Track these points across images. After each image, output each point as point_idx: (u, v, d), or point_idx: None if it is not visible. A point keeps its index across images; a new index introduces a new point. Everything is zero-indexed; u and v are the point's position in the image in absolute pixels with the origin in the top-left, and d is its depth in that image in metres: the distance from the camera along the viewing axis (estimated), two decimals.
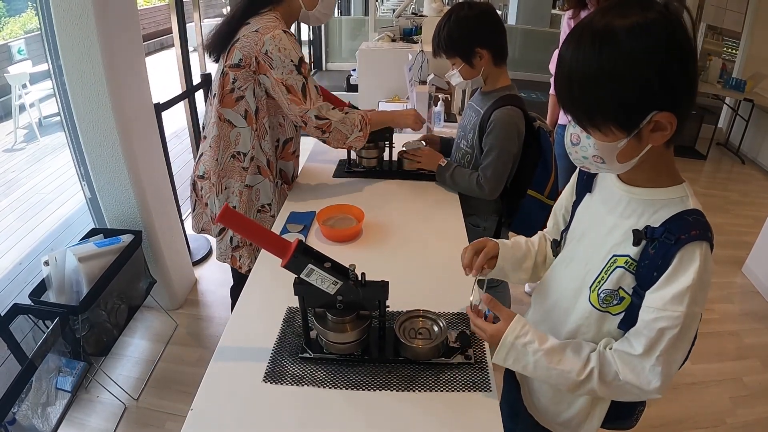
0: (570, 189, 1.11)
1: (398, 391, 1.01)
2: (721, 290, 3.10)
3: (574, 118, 0.83)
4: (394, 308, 1.11)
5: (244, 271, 1.82)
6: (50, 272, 2.02)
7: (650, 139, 0.78)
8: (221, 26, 1.66)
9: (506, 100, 1.68)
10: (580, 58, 0.76)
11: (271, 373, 1.04)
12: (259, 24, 1.59)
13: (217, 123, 1.68)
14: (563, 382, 0.92)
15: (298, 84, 1.60)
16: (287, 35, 1.59)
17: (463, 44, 1.67)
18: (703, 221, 0.82)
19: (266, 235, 0.96)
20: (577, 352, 0.92)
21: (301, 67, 1.60)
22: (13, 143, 4.46)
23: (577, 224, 1.03)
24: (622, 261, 0.88)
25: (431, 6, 4.09)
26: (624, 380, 0.86)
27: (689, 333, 0.83)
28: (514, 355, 0.94)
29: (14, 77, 4.47)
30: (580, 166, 0.90)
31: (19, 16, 5.65)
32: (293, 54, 1.58)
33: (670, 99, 0.75)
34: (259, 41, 1.56)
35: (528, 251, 1.17)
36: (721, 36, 5.56)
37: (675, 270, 0.80)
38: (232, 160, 1.71)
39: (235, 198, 1.75)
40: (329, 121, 1.65)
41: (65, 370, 1.87)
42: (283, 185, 1.87)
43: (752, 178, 4.89)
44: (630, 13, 0.73)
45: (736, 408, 2.24)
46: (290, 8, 1.69)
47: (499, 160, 1.69)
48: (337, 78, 6.89)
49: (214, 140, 1.70)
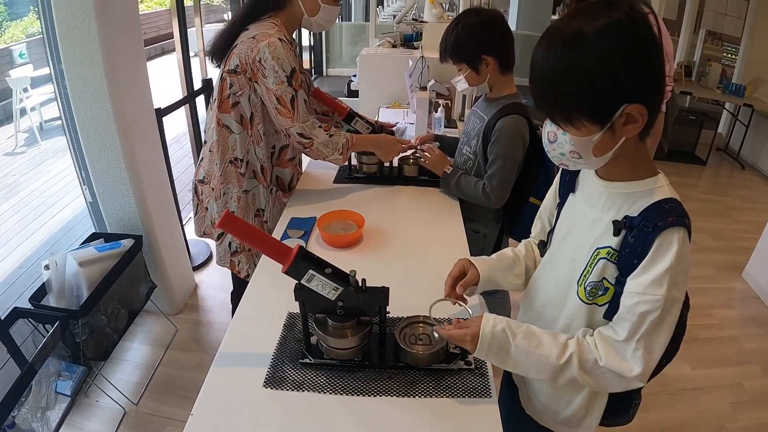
0: (553, 192, 1.15)
1: (398, 396, 1.01)
2: (721, 295, 3.10)
3: (549, 116, 0.87)
4: (395, 314, 1.11)
5: (242, 276, 1.83)
6: (50, 276, 2.02)
7: (623, 132, 0.82)
8: (223, 32, 1.66)
9: (511, 109, 1.68)
10: (551, 59, 0.81)
11: (271, 378, 1.04)
12: (257, 30, 1.59)
13: (217, 128, 1.69)
14: (544, 369, 0.93)
15: (287, 95, 1.59)
16: (283, 44, 1.57)
17: (469, 51, 1.67)
18: (680, 208, 0.85)
19: (267, 241, 0.97)
20: (553, 337, 0.94)
21: (293, 79, 1.59)
22: (13, 147, 4.46)
23: (562, 224, 1.05)
24: (604, 252, 0.91)
25: (432, 12, 4.10)
26: (605, 366, 0.88)
27: (670, 318, 0.85)
28: (496, 344, 0.95)
29: (15, 81, 4.48)
30: (558, 163, 0.93)
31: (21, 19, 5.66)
32: (286, 64, 1.57)
33: (639, 91, 0.79)
34: (255, 48, 1.56)
35: (516, 258, 1.19)
36: (721, 41, 5.58)
37: (654, 255, 0.83)
38: (231, 165, 1.73)
39: (233, 203, 1.76)
40: (312, 141, 1.67)
41: (65, 374, 1.87)
42: (279, 192, 1.86)
43: (752, 183, 4.89)
44: (597, 16, 0.78)
45: (737, 413, 2.24)
46: (292, 15, 1.68)
47: (504, 168, 1.69)
48: (337, 83, 6.91)
49: (214, 145, 1.71)
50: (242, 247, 1.82)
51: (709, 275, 3.28)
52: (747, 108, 4.94)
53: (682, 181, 4.68)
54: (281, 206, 1.82)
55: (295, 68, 1.60)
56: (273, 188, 1.82)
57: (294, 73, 1.59)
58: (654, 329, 0.84)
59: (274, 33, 1.57)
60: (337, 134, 1.73)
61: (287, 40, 1.62)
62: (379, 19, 7.00)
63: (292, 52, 1.61)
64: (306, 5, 1.67)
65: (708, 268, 3.34)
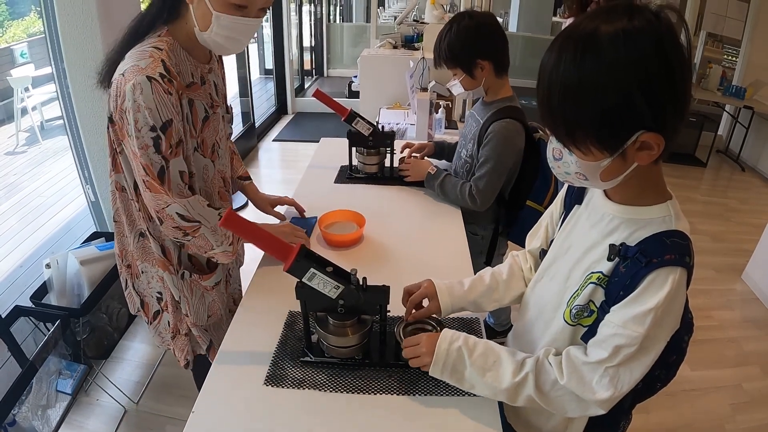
0: (559, 201, 1.08)
1: (399, 395, 1.01)
2: (720, 297, 3.10)
3: (554, 133, 0.79)
4: (395, 313, 1.12)
5: (182, 364, 1.50)
6: (52, 275, 2.02)
7: (636, 158, 0.74)
8: (109, 53, 1.22)
9: (506, 112, 1.67)
10: (560, 67, 0.71)
11: (272, 376, 1.04)
12: (132, 58, 1.12)
13: (117, 192, 1.30)
14: (499, 386, 0.90)
15: (155, 165, 1.13)
16: (154, 84, 1.08)
17: (463, 56, 1.66)
18: (683, 245, 0.78)
19: (270, 240, 0.97)
20: (512, 354, 0.92)
21: (164, 138, 1.11)
22: (14, 146, 4.46)
23: (563, 239, 0.99)
24: (595, 277, 0.86)
25: (432, 13, 4.11)
26: (566, 387, 0.84)
27: (646, 356, 0.80)
28: (451, 362, 0.93)
29: (17, 80, 4.48)
30: (563, 180, 0.87)
31: (22, 19, 5.67)
32: (155, 116, 1.09)
33: (656, 117, 0.69)
34: (121, 91, 1.10)
35: (493, 285, 1.14)
36: (721, 43, 5.59)
37: (641, 292, 0.77)
38: (142, 239, 1.33)
39: (156, 285, 1.41)
40: (199, 225, 1.21)
41: (65, 372, 1.87)
42: (195, 276, 1.39)
43: (752, 185, 4.90)
44: (616, 19, 0.68)
45: (736, 414, 2.24)
46: (185, 29, 1.19)
47: (494, 172, 1.68)
48: (338, 84, 6.93)
49: (119, 214, 1.33)
50: (177, 330, 1.44)
51: (709, 277, 3.28)
52: (747, 110, 4.94)
53: (682, 183, 4.69)
54: (201, 293, 1.41)
55: (170, 121, 1.12)
56: (185, 273, 1.37)
57: (167, 130, 1.11)
58: (626, 365, 0.80)
59: (149, 65, 1.09)
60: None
61: (166, 75, 1.11)
62: (380, 20, 7.01)
63: (172, 95, 1.12)
64: (196, 14, 1.14)
65: (708, 269, 3.34)
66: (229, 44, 1.18)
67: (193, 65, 1.24)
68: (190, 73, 1.23)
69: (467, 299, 1.13)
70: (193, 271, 1.38)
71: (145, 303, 1.45)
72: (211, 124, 1.31)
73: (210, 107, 1.30)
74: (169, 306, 1.40)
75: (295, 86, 6.47)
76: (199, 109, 1.26)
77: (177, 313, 1.41)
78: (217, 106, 1.34)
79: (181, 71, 1.19)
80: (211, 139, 1.33)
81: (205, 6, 1.11)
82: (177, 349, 1.47)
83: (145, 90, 1.07)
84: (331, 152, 2.19)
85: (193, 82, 1.24)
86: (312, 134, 5.33)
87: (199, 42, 1.19)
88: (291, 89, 6.17)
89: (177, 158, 1.16)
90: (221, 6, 1.11)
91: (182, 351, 1.47)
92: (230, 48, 1.20)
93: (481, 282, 1.15)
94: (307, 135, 5.44)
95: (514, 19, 8.03)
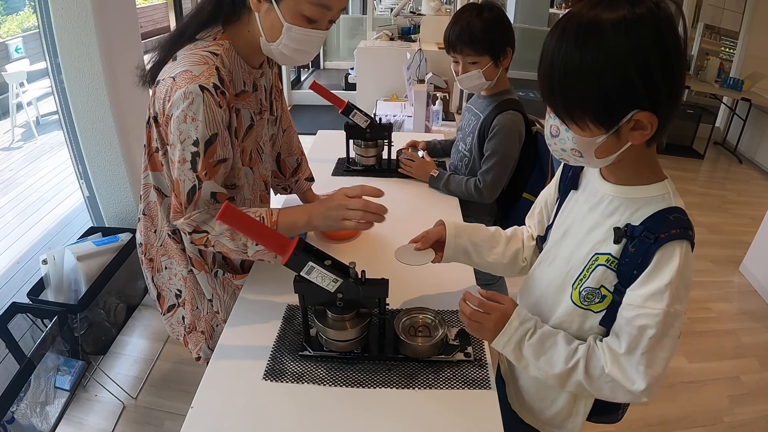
0: (553, 186, 1.10)
1: (398, 388, 1.01)
2: (718, 289, 3.11)
3: (554, 109, 0.82)
4: (394, 306, 1.11)
5: (194, 357, 1.48)
6: (48, 271, 2.02)
7: (630, 137, 0.78)
8: (157, 50, 1.16)
9: (508, 105, 1.67)
10: (562, 50, 0.75)
11: (271, 370, 1.04)
12: (185, 60, 1.06)
13: (150, 188, 1.30)
14: (551, 371, 0.91)
15: (186, 183, 1.08)
16: (207, 96, 1.02)
17: (499, 42, 1.63)
18: (684, 219, 0.82)
19: (267, 233, 0.96)
20: (568, 339, 0.92)
21: (200, 158, 1.05)
22: (10, 142, 4.44)
23: (561, 222, 1.02)
24: (603, 259, 0.88)
25: (429, 5, 4.09)
26: (610, 374, 0.86)
27: (672, 331, 0.82)
28: (516, 340, 0.93)
29: (11, 76, 4.45)
30: (559, 157, 0.90)
31: (17, 14, 5.62)
32: (202, 130, 1.04)
33: (651, 99, 0.74)
34: (170, 96, 1.04)
35: (498, 235, 1.18)
36: (719, 35, 5.58)
37: (654, 268, 0.80)
38: (170, 239, 1.31)
39: (178, 282, 1.39)
40: (206, 234, 1.13)
41: (64, 368, 1.87)
42: (228, 274, 1.37)
43: (749, 177, 4.90)
44: (618, 7, 0.72)
45: (734, 407, 2.25)
46: (249, 34, 1.13)
47: (501, 164, 1.69)
48: (335, 77, 6.90)
49: (149, 208, 1.33)
50: (194, 327, 1.43)
51: (707, 269, 3.28)
52: (745, 102, 4.94)
53: (679, 175, 4.69)
54: (233, 291, 1.38)
55: (216, 135, 1.06)
56: (219, 271, 1.35)
57: (209, 147, 1.06)
58: (656, 344, 0.82)
59: (203, 73, 1.04)
60: None
61: (220, 86, 1.05)
62: (377, 11, 6.97)
63: (222, 107, 1.06)
64: (264, 23, 1.09)
65: (705, 262, 3.34)
66: (297, 56, 1.13)
67: (246, 72, 1.19)
68: (242, 80, 1.18)
69: (470, 238, 1.15)
70: (226, 270, 1.35)
71: (161, 296, 1.43)
72: (254, 132, 1.27)
73: (258, 113, 1.27)
74: (188, 304, 1.40)
75: (292, 78, 6.45)
76: (245, 117, 1.21)
77: (195, 312, 1.41)
78: (264, 111, 1.31)
79: (233, 79, 1.14)
80: (252, 146, 1.29)
81: (275, 16, 1.06)
82: (191, 342, 1.46)
83: (196, 101, 1.02)
84: (328, 145, 2.18)
85: (244, 90, 1.19)
86: (309, 127, 5.28)
87: (262, 51, 1.15)
88: (287, 81, 6.15)
89: (210, 181, 1.09)
90: (294, 18, 1.06)
91: (196, 345, 1.46)
92: (297, 59, 1.15)
93: (486, 230, 1.20)
94: (304, 127, 5.38)
95: (511, 10, 8.00)
